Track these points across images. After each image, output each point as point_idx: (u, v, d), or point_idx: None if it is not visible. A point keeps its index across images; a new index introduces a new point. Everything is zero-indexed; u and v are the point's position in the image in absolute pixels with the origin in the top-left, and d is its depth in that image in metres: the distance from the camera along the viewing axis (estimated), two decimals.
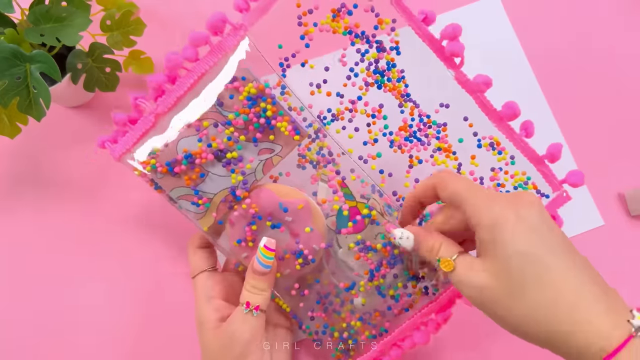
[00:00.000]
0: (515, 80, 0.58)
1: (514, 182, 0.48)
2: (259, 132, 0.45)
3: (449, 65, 0.45)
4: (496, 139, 0.47)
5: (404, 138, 0.48)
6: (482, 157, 0.47)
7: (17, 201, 0.55)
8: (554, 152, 0.46)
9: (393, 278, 0.47)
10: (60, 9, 0.46)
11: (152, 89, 0.44)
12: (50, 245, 0.54)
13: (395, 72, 0.46)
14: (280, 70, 0.46)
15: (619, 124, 0.59)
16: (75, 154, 0.56)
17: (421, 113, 0.47)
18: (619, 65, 0.60)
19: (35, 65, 0.45)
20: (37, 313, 0.53)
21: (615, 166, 0.58)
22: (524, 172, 0.47)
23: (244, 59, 0.44)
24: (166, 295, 0.54)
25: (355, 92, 0.46)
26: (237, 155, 0.45)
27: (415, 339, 0.48)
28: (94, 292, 0.54)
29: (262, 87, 0.44)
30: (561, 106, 0.58)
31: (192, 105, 0.45)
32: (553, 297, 0.34)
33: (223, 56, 0.44)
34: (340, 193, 0.46)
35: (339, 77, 0.45)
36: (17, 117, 0.48)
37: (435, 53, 0.45)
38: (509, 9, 0.60)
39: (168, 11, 0.59)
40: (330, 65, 0.46)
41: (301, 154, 0.47)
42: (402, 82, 0.46)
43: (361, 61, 0.45)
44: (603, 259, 0.56)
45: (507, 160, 0.48)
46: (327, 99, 0.47)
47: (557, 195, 0.47)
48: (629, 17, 0.61)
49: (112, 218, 0.55)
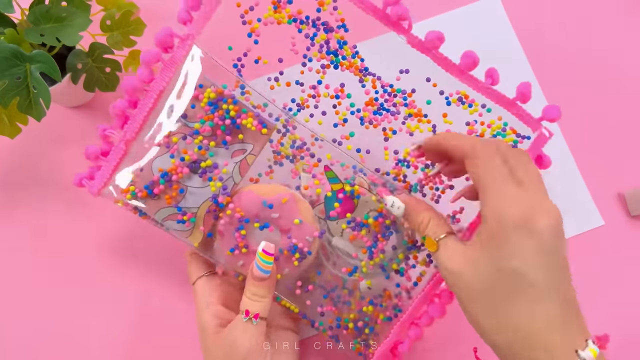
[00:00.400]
0: (514, 80, 0.58)
1: (492, 131, 0.47)
2: (227, 135, 0.45)
3: (398, 31, 0.45)
4: (463, 93, 0.47)
5: (373, 112, 0.48)
6: (454, 113, 0.47)
7: (17, 201, 0.55)
8: (524, 92, 0.45)
9: (392, 250, 0.46)
10: (60, 9, 0.46)
11: (116, 116, 0.45)
12: (49, 246, 0.54)
13: (347, 49, 0.46)
14: (236, 71, 0.46)
15: (619, 124, 0.59)
16: (75, 154, 0.55)
17: (383, 84, 0.47)
18: (619, 65, 0.60)
19: (35, 65, 0.45)
20: (36, 313, 0.53)
21: (615, 166, 0.58)
22: (500, 118, 0.47)
23: (198, 67, 0.45)
24: (167, 295, 0.54)
25: (314, 77, 0.47)
26: (211, 162, 0.45)
27: (431, 312, 0.47)
28: (94, 292, 0.53)
29: (221, 89, 0.44)
30: (561, 106, 0.58)
31: (158, 123, 0.45)
32: (526, 323, 0.33)
33: (176, 69, 0.44)
34: (324, 179, 0.46)
35: (295, 67, 0.46)
36: (17, 117, 0.48)
37: (382, 21, 0.45)
38: (508, 8, 0.61)
39: (168, 11, 0.59)
40: (284, 57, 0.46)
41: (275, 150, 0.47)
42: (357, 57, 0.46)
43: (312, 45, 0.46)
44: (603, 259, 0.56)
45: (480, 112, 0.47)
46: (288, 90, 0.47)
47: (538, 134, 0.46)
48: (629, 17, 0.62)
49: (112, 218, 0.55)
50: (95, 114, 0.57)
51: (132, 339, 0.53)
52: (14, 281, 0.54)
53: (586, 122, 0.59)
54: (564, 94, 0.59)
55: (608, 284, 0.55)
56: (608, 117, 0.59)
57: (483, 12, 0.61)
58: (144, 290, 0.54)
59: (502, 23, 0.60)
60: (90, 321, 0.53)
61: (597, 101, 0.59)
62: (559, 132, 0.58)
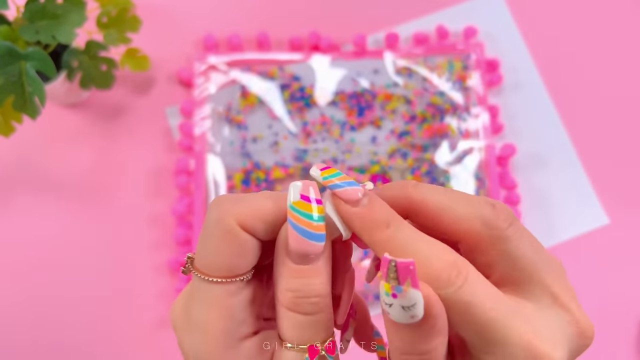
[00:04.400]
0: (517, 75, 0.59)
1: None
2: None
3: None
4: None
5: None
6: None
7: (12, 200, 0.55)
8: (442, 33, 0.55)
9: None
10: (55, 6, 0.46)
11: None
12: (45, 245, 0.54)
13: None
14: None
15: (624, 121, 0.59)
16: (71, 153, 0.56)
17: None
18: (623, 60, 0.60)
19: (31, 63, 0.44)
20: (35, 313, 0.53)
21: (621, 164, 0.58)
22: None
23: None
24: (168, 295, 0.53)
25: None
26: None
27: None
28: (94, 293, 0.53)
29: (244, 168, 0.55)
30: (565, 101, 0.59)
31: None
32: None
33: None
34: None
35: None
36: (12, 116, 0.47)
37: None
38: (511, 4, 0.61)
39: (164, 8, 0.59)
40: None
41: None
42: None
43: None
44: (608, 257, 0.55)
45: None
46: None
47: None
48: (634, 17, 0.61)
49: (108, 217, 0.55)
50: (90, 112, 0.57)
51: (133, 338, 0.53)
52: (10, 281, 0.53)
53: (590, 118, 0.59)
54: (567, 88, 0.59)
55: (613, 282, 0.55)
56: (612, 114, 0.59)
57: (485, 8, 0.61)
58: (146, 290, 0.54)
59: (504, 19, 0.61)
60: (91, 321, 0.53)
61: (602, 96, 0.59)
62: (561, 127, 0.58)
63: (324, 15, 0.59)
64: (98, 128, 0.56)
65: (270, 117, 0.56)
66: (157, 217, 0.55)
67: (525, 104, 0.58)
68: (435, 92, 0.56)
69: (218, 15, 0.59)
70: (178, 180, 0.54)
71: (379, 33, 0.58)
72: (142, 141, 0.56)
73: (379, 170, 0.53)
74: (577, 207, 0.56)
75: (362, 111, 0.56)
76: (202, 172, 0.54)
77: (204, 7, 0.60)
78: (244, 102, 0.56)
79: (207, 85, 0.56)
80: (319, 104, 0.56)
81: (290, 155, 0.55)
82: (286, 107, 0.56)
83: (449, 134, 0.55)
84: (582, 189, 0.57)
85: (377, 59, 0.57)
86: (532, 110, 0.58)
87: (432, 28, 0.59)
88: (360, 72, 0.57)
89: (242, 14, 0.59)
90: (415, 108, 0.56)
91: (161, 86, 0.58)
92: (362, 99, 0.56)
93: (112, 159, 0.56)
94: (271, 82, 0.56)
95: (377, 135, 0.56)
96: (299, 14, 0.59)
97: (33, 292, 0.53)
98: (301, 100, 0.56)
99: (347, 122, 0.56)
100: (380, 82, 0.56)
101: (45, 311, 0.53)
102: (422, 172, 0.53)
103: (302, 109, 0.56)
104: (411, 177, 0.53)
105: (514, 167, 0.57)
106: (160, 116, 0.57)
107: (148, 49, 0.54)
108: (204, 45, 0.58)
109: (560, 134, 0.58)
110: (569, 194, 0.56)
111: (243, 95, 0.56)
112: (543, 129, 0.58)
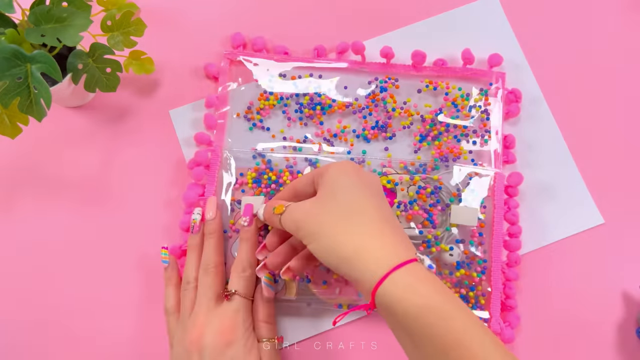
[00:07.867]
0: (513, 79, 0.59)
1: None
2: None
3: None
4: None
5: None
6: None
7: (18, 201, 0.56)
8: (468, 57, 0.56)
9: (444, 210, 0.53)
10: (61, 9, 0.46)
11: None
12: (49, 245, 0.55)
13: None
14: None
15: (619, 121, 0.59)
16: (76, 154, 0.56)
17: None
18: (619, 64, 0.60)
19: (36, 66, 0.45)
20: (35, 313, 0.53)
21: (616, 164, 0.58)
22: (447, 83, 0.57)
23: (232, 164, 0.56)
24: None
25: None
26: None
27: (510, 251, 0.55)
28: (94, 293, 0.54)
29: (256, 167, 0.55)
30: (559, 103, 0.59)
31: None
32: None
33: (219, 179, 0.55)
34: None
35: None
36: (18, 118, 0.48)
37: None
38: (507, 8, 0.61)
39: (169, 11, 0.60)
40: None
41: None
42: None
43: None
44: (603, 257, 0.55)
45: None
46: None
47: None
48: (628, 16, 0.62)
49: (113, 218, 0.55)
50: (95, 114, 0.58)
51: (133, 339, 0.53)
52: (12, 280, 0.54)
53: (586, 120, 0.59)
54: (562, 91, 0.59)
55: (609, 281, 0.55)
56: (607, 114, 0.59)
57: (481, 11, 0.61)
58: (145, 290, 0.54)
59: (500, 22, 0.61)
60: (92, 321, 0.54)
61: (597, 98, 0.59)
62: (557, 129, 0.58)
63: (350, 24, 0.60)
64: (103, 130, 0.57)
65: (287, 120, 0.57)
66: (162, 218, 0.55)
67: (521, 104, 0.58)
68: (451, 114, 0.57)
69: (220, 18, 0.60)
70: (195, 173, 0.55)
71: (405, 49, 0.58)
72: (147, 143, 0.57)
73: (385, 183, 0.53)
74: (573, 206, 0.57)
75: (377, 123, 0.56)
76: (215, 166, 0.55)
77: (209, 9, 0.60)
78: (264, 103, 0.56)
79: (231, 83, 0.57)
80: (336, 112, 0.57)
81: (302, 160, 0.55)
82: (304, 111, 0.56)
83: (460, 156, 0.56)
84: (577, 188, 0.57)
85: (400, 74, 0.58)
86: (527, 109, 0.59)
87: (458, 51, 0.58)
88: (381, 85, 0.57)
89: (247, 17, 0.60)
90: (430, 127, 0.56)
91: (166, 88, 0.58)
92: (379, 111, 0.57)
93: (116, 161, 0.56)
94: (292, 86, 0.57)
95: (389, 148, 0.56)
96: (325, 21, 0.60)
97: (32, 291, 0.54)
98: (318, 105, 0.56)
99: (362, 132, 0.56)
100: (399, 98, 0.57)
101: (52, 313, 0.54)
102: (427, 192, 0.53)
103: (319, 115, 0.57)
104: (415, 195, 0.53)
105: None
106: (165, 118, 0.57)
107: (152, 51, 0.55)
108: (231, 43, 0.59)
109: (555, 134, 0.58)
110: (564, 194, 0.57)
111: (263, 96, 0.57)
112: (539, 128, 0.58)
